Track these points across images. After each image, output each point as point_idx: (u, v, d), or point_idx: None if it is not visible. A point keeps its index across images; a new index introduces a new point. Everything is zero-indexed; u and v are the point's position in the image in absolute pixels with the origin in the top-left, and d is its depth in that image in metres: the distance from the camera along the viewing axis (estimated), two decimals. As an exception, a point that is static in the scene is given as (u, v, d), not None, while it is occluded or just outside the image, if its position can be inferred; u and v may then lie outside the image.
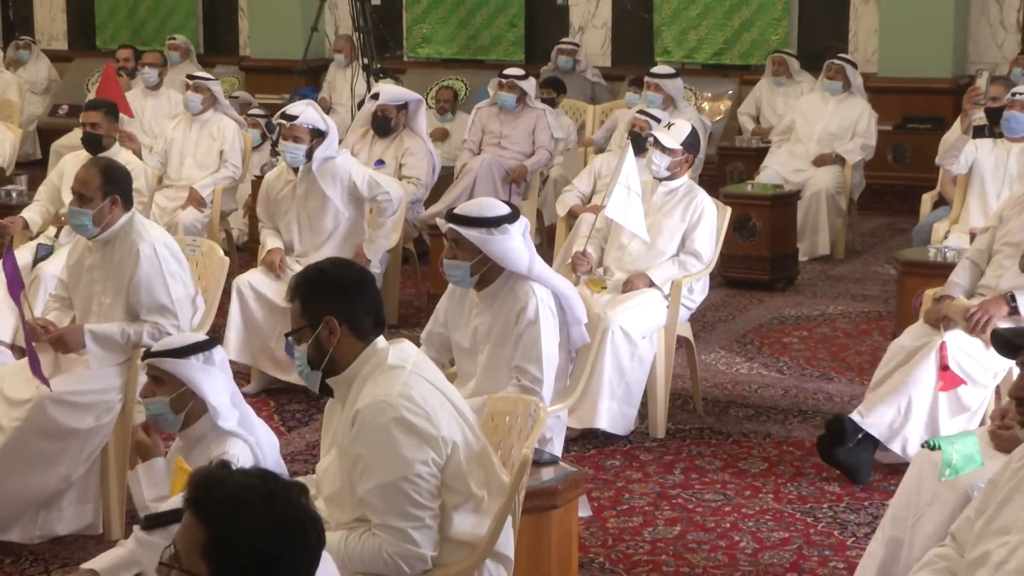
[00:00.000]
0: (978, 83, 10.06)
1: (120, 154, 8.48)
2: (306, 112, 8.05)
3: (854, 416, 6.49)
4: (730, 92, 14.13)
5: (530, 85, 11.31)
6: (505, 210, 5.62)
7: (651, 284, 7.30)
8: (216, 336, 4.90)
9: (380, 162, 9.61)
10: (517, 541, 4.43)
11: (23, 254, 8.24)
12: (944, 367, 6.24)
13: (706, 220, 7.49)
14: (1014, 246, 6.64)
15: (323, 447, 4.53)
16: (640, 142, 8.47)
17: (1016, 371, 3.62)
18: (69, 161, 8.55)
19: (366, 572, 4.14)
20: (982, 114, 9.24)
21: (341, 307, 4.26)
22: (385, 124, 9.81)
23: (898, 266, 8.25)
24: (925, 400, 6.35)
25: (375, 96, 10.03)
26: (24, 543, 5.88)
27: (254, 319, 7.79)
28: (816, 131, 11.48)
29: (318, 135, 8.00)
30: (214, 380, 4.66)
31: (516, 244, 5.57)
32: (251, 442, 4.69)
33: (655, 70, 11.49)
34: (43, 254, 8.12)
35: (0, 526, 5.87)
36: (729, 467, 6.83)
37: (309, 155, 7.98)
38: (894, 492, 5.05)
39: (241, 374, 7.42)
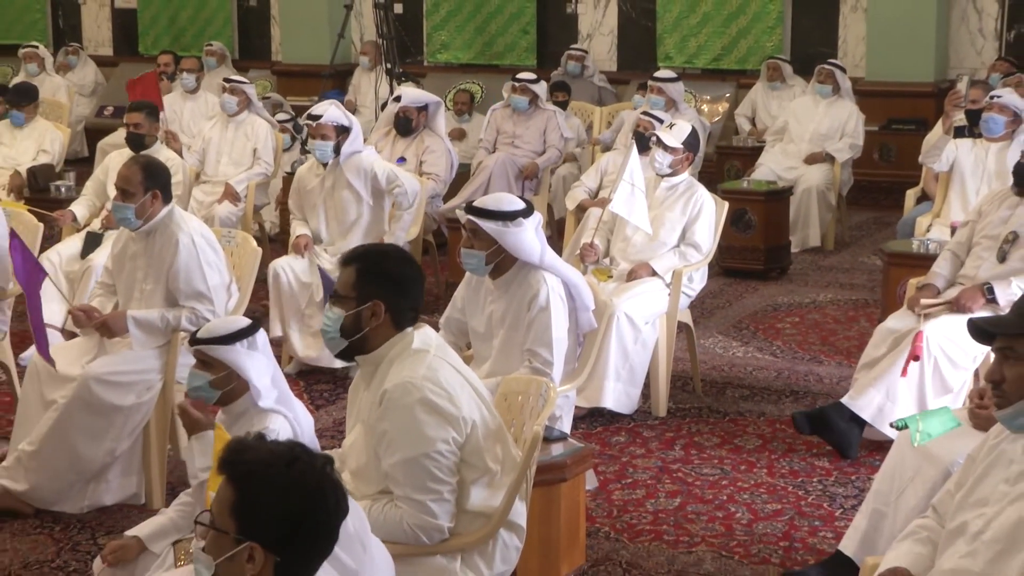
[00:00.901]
0: (959, 87, 10.00)
1: (161, 152, 8.51)
2: (329, 111, 8.06)
3: (845, 400, 6.49)
4: (728, 95, 14.11)
5: (541, 88, 11.31)
6: (521, 205, 5.63)
7: (654, 273, 7.30)
8: (257, 319, 4.89)
9: (402, 159, 9.62)
10: (529, 511, 4.43)
11: (72, 244, 8.29)
12: (915, 357, 6.23)
13: (705, 214, 7.48)
14: (992, 239, 6.64)
15: (348, 424, 4.53)
16: (644, 141, 8.47)
17: (992, 356, 3.61)
18: (114, 158, 8.57)
19: (387, 541, 4.15)
20: (962, 116, 9.20)
21: (391, 297, 4.27)
22: (407, 124, 9.81)
23: (884, 257, 8.23)
24: (912, 383, 6.34)
25: (397, 98, 10.04)
26: (73, 513, 5.91)
27: (289, 297, 7.82)
28: (808, 131, 11.47)
29: (343, 131, 8.00)
30: (257, 363, 4.66)
31: (529, 236, 5.58)
32: (290, 417, 4.71)
33: (658, 74, 11.51)
34: (93, 242, 8.15)
35: (53, 499, 5.92)
36: (726, 444, 6.83)
37: (337, 150, 7.99)
38: (880, 467, 5.05)
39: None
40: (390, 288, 4.28)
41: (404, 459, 4.13)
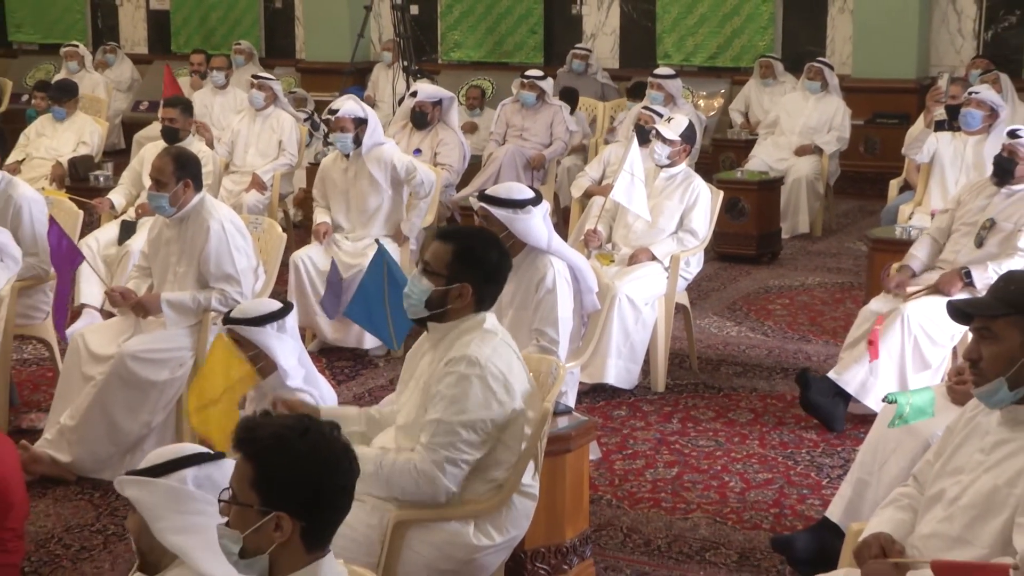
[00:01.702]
0: (939, 84, 10.01)
1: (193, 144, 8.51)
2: (346, 105, 8.05)
3: (831, 375, 6.49)
4: (723, 91, 14.08)
5: (548, 85, 11.30)
6: (530, 194, 5.63)
7: (653, 258, 7.29)
8: (289, 303, 4.90)
9: (418, 151, 9.61)
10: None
11: (109, 230, 8.32)
12: (870, 342, 6.22)
13: (701, 202, 7.47)
14: (970, 226, 6.63)
15: (401, 379, 4.52)
16: (644, 134, 8.45)
17: (971, 335, 3.61)
18: (149, 150, 8.57)
19: (390, 487, 4.10)
20: (942, 111, 9.20)
21: (481, 283, 4.28)
22: (422, 118, 9.81)
23: (868, 243, 8.23)
24: (893, 360, 6.35)
25: (414, 94, 10.03)
26: (112, 480, 5.92)
27: (308, 286, 7.81)
28: (797, 125, 11.45)
29: (360, 123, 7.99)
30: (285, 345, 4.67)
31: (537, 223, 5.58)
32: (316, 396, 4.72)
33: (657, 72, 11.48)
34: (128, 230, 8.18)
35: (93, 467, 5.96)
36: (720, 417, 6.83)
37: (357, 141, 7.97)
38: (864, 440, 5.06)
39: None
40: (482, 275, 4.28)
41: (442, 419, 4.13)
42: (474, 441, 4.16)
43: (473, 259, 4.28)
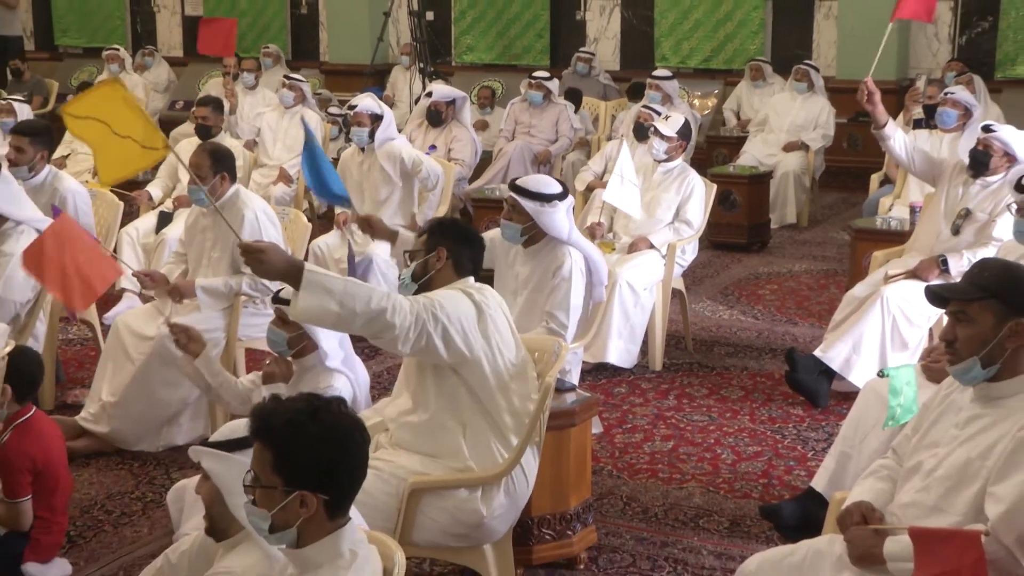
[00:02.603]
0: (917, 85, 10.00)
1: (225, 140, 8.51)
2: (364, 101, 8.07)
3: (816, 353, 6.49)
4: (716, 91, 14.06)
5: (554, 85, 11.29)
6: (558, 189, 5.61)
7: (651, 246, 7.29)
8: None
9: (433, 147, 9.61)
10: (542, 452, 4.45)
11: (148, 220, 8.33)
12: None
13: (696, 194, 7.46)
14: (950, 212, 6.61)
15: (405, 362, 4.54)
16: (643, 131, 8.45)
17: (946, 318, 3.60)
18: (184, 146, 8.56)
19: (356, 296, 3.87)
20: (920, 110, 9.19)
21: (454, 246, 4.38)
22: (437, 116, 9.80)
23: (851, 232, 8.21)
24: (874, 339, 6.35)
25: (429, 94, 10.04)
26: (150, 451, 5.95)
27: (326, 267, 7.81)
28: (785, 123, 11.43)
29: (376, 119, 7.99)
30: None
31: (561, 217, 5.57)
32: (352, 378, 4.74)
33: (656, 73, 11.46)
34: (165, 220, 8.20)
35: (133, 440, 5.96)
36: (713, 394, 6.83)
37: (372, 136, 7.97)
38: (847, 415, 5.05)
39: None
40: (452, 237, 4.40)
41: (431, 296, 4.16)
42: (438, 325, 4.05)
43: (441, 227, 4.48)
